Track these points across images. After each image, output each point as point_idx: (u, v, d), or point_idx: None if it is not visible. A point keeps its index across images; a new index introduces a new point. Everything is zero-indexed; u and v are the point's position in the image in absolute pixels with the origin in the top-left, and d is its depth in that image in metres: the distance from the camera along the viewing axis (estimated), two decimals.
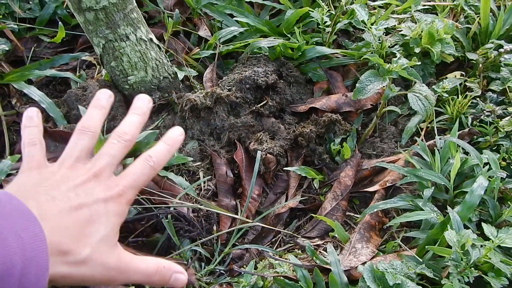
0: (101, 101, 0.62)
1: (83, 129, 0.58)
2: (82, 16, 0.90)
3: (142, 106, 0.63)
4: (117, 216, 0.52)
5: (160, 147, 0.59)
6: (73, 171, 0.54)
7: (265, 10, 1.30)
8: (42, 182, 0.51)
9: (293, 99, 1.12)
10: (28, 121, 0.61)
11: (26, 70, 1.10)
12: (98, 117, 0.60)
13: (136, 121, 0.61)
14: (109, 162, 0.55)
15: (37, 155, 0.57)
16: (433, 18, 1.21)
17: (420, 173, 0.88)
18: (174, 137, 0.61)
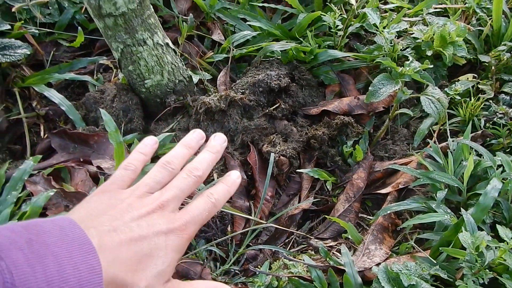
0: (191, 142, 0.64)
1: (166, 164, 0.59)
2: (102, 22, 0.92)
3: (216, 145, 0.64)
4: (176, 252, 0.52)
5: (220, 187, 0.60)
6: (141, 200, 0.54)
7: (277, 14, 1.32)
8: (108, 210, 0.52)
9: (305, 102, 1.13)
10: (142, 146, 0.65)
11: (46, 73, 1.13)
12: (184, 156, 0.62)
13: (209, 158, 0.62)
14: (176, 195, 0.55)
15: (122, 179, 0.59)
16: (445, 21, 1.22)
17: (433, 175, 0.89)
18: (232, 179, 0.62)
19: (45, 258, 0.41)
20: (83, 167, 0.96)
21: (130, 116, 1.05)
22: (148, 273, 0.48)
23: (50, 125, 1.12)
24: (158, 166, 0.59)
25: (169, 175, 0.59)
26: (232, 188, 0.61)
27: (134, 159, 0.62)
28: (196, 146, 0.64)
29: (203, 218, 0.56)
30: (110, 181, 0.59)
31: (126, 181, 0.59)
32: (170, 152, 0.62)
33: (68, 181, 0.95)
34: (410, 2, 1.40)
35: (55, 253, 0.41)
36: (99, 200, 0.54)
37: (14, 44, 1.11)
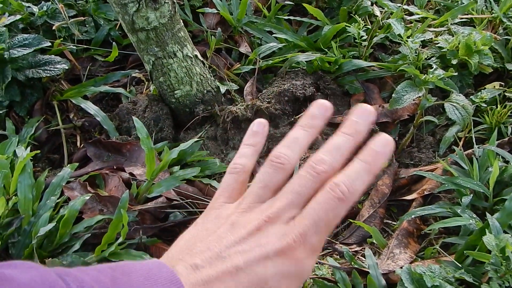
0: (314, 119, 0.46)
1: (275, 160, 0.44)
2: (135, 36, 0.98)
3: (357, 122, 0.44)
4: (290, 278, 0.39)
5: (354, 168, 0.41)
6: (245, 215, 0.42)
7: (303, 27, 1.35)
8: (206, 236, 0.42)
9: None
10: (248, 137, 0.49)
11: (82, 87, 1.20)
12: (300, 143, 0.46)
13: (342, 143, 0.43)
14: (291, 202, 0.41)
15: (230, 187, 0.46)
16: (471, 30, 1.23)
17: (458, 181, 0.89)
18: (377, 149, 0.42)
19: None
20: (117, 174, 1.01)
21: (161, 125, 1.09)
22: None
23: (86, 135, 1.18)
24: (266, 165, 0.45)
25: (281, 173, 0.44)
26: (375, 165, 0.41)
27: (242, 156, 0.48)
28: (319, 123, 0.46)
29: (328, 223, 0.40)
30: (217, 193, 0.47)
31: (236, 187, 0.46)
32: (282, 142, 0.46)
33: (103, 187, 1.00)
34: (435, 13, 1.41)
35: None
36: (203, 222, 0.45)
37: (54, 60, 1.18)
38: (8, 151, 1.01)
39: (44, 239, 0.85)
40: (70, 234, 0.85)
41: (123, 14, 0.94)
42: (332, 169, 0.42)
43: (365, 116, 0.44)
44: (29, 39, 1.14)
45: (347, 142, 0.43)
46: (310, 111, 0.46)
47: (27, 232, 0.86)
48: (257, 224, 0.40)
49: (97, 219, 0.86)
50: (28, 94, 1.17)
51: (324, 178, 0.41)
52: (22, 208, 0.88)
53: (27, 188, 0.90)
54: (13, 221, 0.87)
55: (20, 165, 0.91)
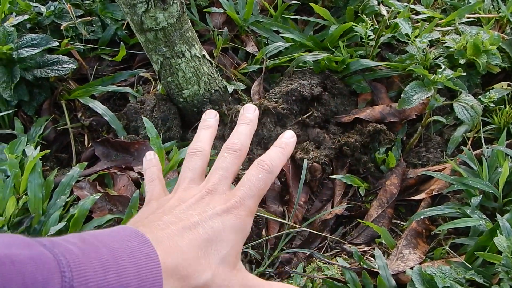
0: (208, 121, 0.63)
1: (192, 151, 0.58)
2: (143, 36, 0.98)
3: (249, 115, 0.61)
4: (236, 232, 0.48)
5: (272, 151, 0.56)
6: (187, 192, 0.52)
7: (309, 26, 1.35)
8: (156, 210, 0.51)
9: (337, 110, 1.15)
10: (147, 163, 0.64)
11: (90, 86, 1.21)
12: (207, 137, 0.61)
13: (244, 130, 0.58)
14: (222, 176, 0.52)
15: (156, 189, 0.59)
16: (478, 30, 1.22)
17: (467, 181, 0.89)
18: (285, 140, 0.58)
19: (99, 249, 0.39)
20: (125, 173, 1.01)
21: (169, 125, 1.10)
22: (211, 260, 0.45)
23: (94, 135, 1.18)
24: (187, 156, 0.58)
25: (202, 159, 0.57)
26: (286, 149, 0.56)
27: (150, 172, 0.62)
28: (214, 123, 0.63)
29: (259, 189, 0.51)
30: (148, 196, 0.59)
31: (160, 189, 0.60)
32: (193, 139, 0.60)
33: (111, 186, 1.00)
34: (442, 12, 1.41)
35: (108, 245, 0.40)
36: (147, 207, 0.55)
37: (62, 59, 1.18)
38: (17, 150, 1.01)
39: None
40: None
41: (131, 15, 0.94)
42: (244, 148, 0.56)
43: (252, 111, 0.61)
44: (37, 39, 1.15)
45: (246, 128, 0.59)
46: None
47: (37, 231, 0.86)
48: (200, 196, 0.50)
49: (107, 218, 0.87)
50: (36, 94, 1.17)
51: (241, 154, 0.55)
52: (32, 207, 0.89)
53: (37, 188, 0.91)
54: (23, 220, 0.87)
55: (30, 165, 0.92)
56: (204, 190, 0.50)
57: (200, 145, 0.59)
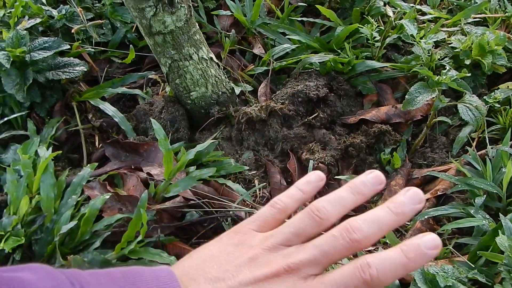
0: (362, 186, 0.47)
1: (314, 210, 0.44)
2: (152, 39, 1.00)
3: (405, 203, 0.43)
4: None
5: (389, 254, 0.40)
6: (268, 255, 0.43)
7: (316, 28, 1.37)
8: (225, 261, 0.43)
9: (343, 111, 1.17)
10: (303, 181, 0.50)
11: (100, 88, 1.23)
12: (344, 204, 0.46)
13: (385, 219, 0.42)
14: (315, 259, 0.41)
15: (265, 219, 0.47)
16: (484, 30, 1.23)
17: (471, 182, 0.90)
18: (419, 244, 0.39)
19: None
20: (134, 173, 1.04)
21: (177, 126, 1.12)
22: None
23: (104, 136, 1.21)
24: (304, 212, 0.45)
25: (315, 227, 0.44)
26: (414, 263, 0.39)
27: (287, 196, 0.49)
28: (368, 192, 0.46)
29: None
30: (251, 218, 0.48)
31: (270, 222, 0.47)
32: (327, 195, 0.46)
33: (121, 186, 1.02)
34: (448, 13, 1.41)
35: None
36: (225, 243, 0.46)
37: (73, 62, 1.21)
38: (30, 151, 1.04)
39: (66, 237, 0.88)
40: (90, 232, 0.88)
41: (140, 18, 0.97)
42: (366, 241, 0.41)
43: (415, 201, 0.43)
44: (49, 42, 1.17)
45: (389, 219, 0.42)
46: (362, 179, 0.46)
47: (49, 229, 0.88)
48: (276, 270, 0.41)
49: (116, 217, 0.89)
50: (48, 96, 1.20)
51: (355, 247, 0.41)
52: (44, 207, 0.91)
53: (49, 187, 0.93)
54: (36, 219, 0.90)
55: (42, 165, 0.94)
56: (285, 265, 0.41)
57: (330, 212, 0.44)
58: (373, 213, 0.43)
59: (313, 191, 0.50)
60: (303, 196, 0.49)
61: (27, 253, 0.87)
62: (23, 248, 0.86)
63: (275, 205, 0.48)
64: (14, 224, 0.86)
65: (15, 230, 0.86)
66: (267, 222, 0.47)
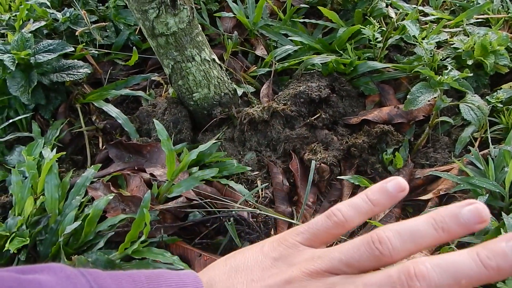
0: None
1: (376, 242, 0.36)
2: (155, 41, 1.01)
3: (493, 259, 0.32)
4: None
5: None
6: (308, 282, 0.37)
7: (318, 29, 1.37)
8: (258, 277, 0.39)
9: (345, 112, 1.17)
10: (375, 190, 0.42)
11: (104, 90, 1.24)
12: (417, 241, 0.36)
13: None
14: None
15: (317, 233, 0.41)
16: (486, 30, 1.23)
17: (474, 181, 0.90)
18: None
19: None
20: (138, 174, 1.04)
21: (180, 127, 1.12)
22: None
23: (107, 137, 1.22)
24: (362, 240, 0.37)
25: (373, 261, 0.36)
26: None
27: (351, 206, 0.41)
28: (388, 203, 0.41)
29: None
30: (301, 228, 0.42)
31: (321, 236, 0.41)
32: (397, 224, 0.37)
33: (124, 187, 1.03)
34: (451, 14, 1.42)
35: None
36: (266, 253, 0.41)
37: (77, 64, 1.22)
38: (34, 152, 1.05)
39: (70, 237, 0.88)
40: (94, 232, 0.88)
41: (143, 20, 0.98)
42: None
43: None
44: (53, 44, 1.18)
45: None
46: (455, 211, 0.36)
47: (53, 230, 0.89)
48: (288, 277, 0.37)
49: (120, 218, 0.89)
50: (53, 98, 1.21)
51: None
52: (49, 207, 0.92)
53: (53, 188, 0.94)
54: (40, 220, 0.91)
55: (47, 166, 0.95)
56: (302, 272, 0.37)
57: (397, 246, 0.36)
58: (450, 258, 0.33)
59: (388, 203, 0.41)
60: (374, 209, 0.41)
61: (32, 253, 0.88)
62: (28, 248, 0.87)
63: (332, 217, 0.41)
64: (19, 225, 0.87)
65: (20, 230, 0.87)
66: (318, 236, 0.41)
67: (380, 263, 0.36)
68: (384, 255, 0.35)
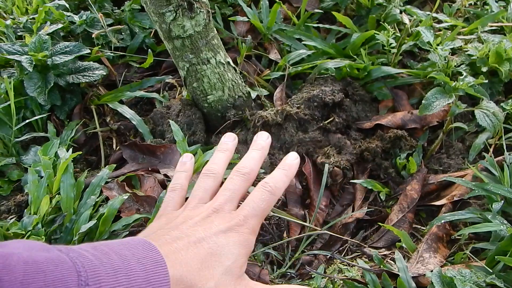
0: (226, 144, 0.68)
1: (207, 172, 0.62)
2: (171, 44, 1.02)
3: (261, 142, 0.66)
4: (240, 247, 0.51)
5: (276, 173, 0.60)
6: (194, 210, 0.56)
7: (332, 34, 1.38)
8: (164, 226, 0.54)
9: (358, 117, 1.17)
10: (180, 165, 0.69)
11: (118, 92, 1.26)
12: (222, 160, 0.65)
13: (255, 156, 0.63)
14: (229, 197, 0.56)
15: (173, 201, 0.62)
16: (501, 38, 1.23)
17: (488, 187, 0.89)
18: (289, 162, 0.62)
19: (110, 255, 0.43)
20: (151, 175, 1.05)
21: (193, 129, 1.13)
22: (215, 271, 0.48)
23: (121, 138, 1.23)
24: (201, 176, 0.62)
25: (214, 181, 0.61)
26: (290, 171, 0.61)
27: (177, 178, 0.66)
28: (232, 147, 0.67)
29: (262, 209, 0.55)
30: (163, 206, 0.63)
31: (178, 200, 0.63)
32: (209, 160, 0.65)
33: (138, 187, 1.04)
34: (465, 21, 1.41)
35: (118, 252, 0.44)
36: (157, 222, 0.58)
37: (92, 66, 1.24)
38: (50, 152, 1.06)
39: (85, 236, 0.89)
40: (109, 231, 0.89)
41: (160, 23, 0.99)
42: (253, 172, 0.60)
43: (264, 138, 0.67)
44: (70, 46, 1.20)
45: (257, 154, 0.63)
46: (223, 141, 0.69)
47: (68, 229, 0.90)
48: (206, 214, 0.54)
49: (134, 217, 0.90)
50: (68, 99, 1.23)
51: (249, 178, 0.59)
52: (64, 207, 0.93)
53: (69, 188, 0.95)
54: (56, 219, 0.92)
55: (62, 166, 0.96)
56: (211, 209, 0.55)
57: (215, 168, 0.63)
58: (248, 155, 0.63)
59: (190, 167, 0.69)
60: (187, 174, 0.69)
61: None
62: None
63: (175, 188, 0.65)
64: (34, 224, 0.88)
65: (35, 229, 0.88)
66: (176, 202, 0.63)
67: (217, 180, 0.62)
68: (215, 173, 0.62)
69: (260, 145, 0.66)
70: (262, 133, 0.68)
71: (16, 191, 1.07)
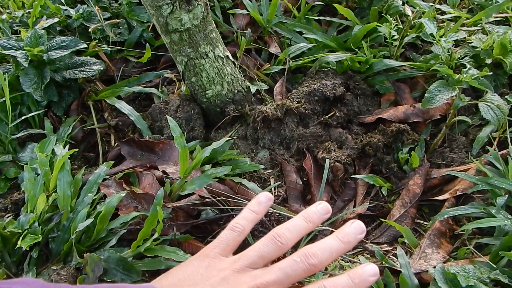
0: (313, 215, 0.57)
1: (276, 236, 0.54)
2: (168, 37, 1.00)
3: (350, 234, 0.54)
4: None
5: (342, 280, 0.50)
6: (237, 276, 0.51)
7: (333, 27, 1.36)
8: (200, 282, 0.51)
9: (360, 111, 1.15)
10: (254, 204, 0.61)
11: (116, 87, 1.24)
12: (300, 231, 0.56)
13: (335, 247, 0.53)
14: (278, 280, 0.49)
15: (228, 243, 0.57)
16: (506, 29, 1.20)
17: (492, 181, 0.88)
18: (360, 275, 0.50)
19: None
20: (150, 172, 1.04)
21: (192, 124, 1.12)
22: None
23: (119, 135, 1.21)
24: (267, 238, 0.54)
25: (277, 251, 0.53)
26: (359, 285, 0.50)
27: (243, 218, 0.59)
28: (318, 220, 0.57)
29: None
30: (214, 244, 0.57)
31: (231, 244, 0.57)
32: (285, 223, 0.56)
33: (137, 184, 1.02)
34: (469, 12, 1.39)
35: None
36: (197, 266, 0.54)
37: (89, 61, 1.22)
38: (47, 149, 1.05)
39: (82, 234, 0.88)
40: (107, 229, 0.88)
41: (157, 16, 0.97)
42: (321, 265, 0.51)
43: (358, 232, 0.54)
44: (66, 41, 1.18)
45: (338, 246, 0.52)
46: (314, 209, 0.58)
47: (66, 227, 0.89)
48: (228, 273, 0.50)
49: (132, 215, 0.89)
50: (65, 95, 1.21)
51: (312, 271, 0.51)
52: (61, 204, 0.92)
53: (66, 185, 0.94)
54: (53, 217, 0.90)
55: (59, 163, 0.95)
56: (253, 284, 0.49)
57: (289, 237, 0.54)
58: (326, 242, 0.52)
59: (264, 210, 0.61)
60: (257, 217, 0.59)
61: (44, 251, 0.88)
62: (40, 246, 0.86)
63: (235, 229, 0.57)
64: (31, 222, 0.87)
65: (32, 228, 0.87)
66: (229, 245, 0.56)
67: (281, 252, 0.53)
68: (283, 244, 0.53)
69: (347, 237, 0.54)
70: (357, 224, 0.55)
71: (13, 188, 1.06)
